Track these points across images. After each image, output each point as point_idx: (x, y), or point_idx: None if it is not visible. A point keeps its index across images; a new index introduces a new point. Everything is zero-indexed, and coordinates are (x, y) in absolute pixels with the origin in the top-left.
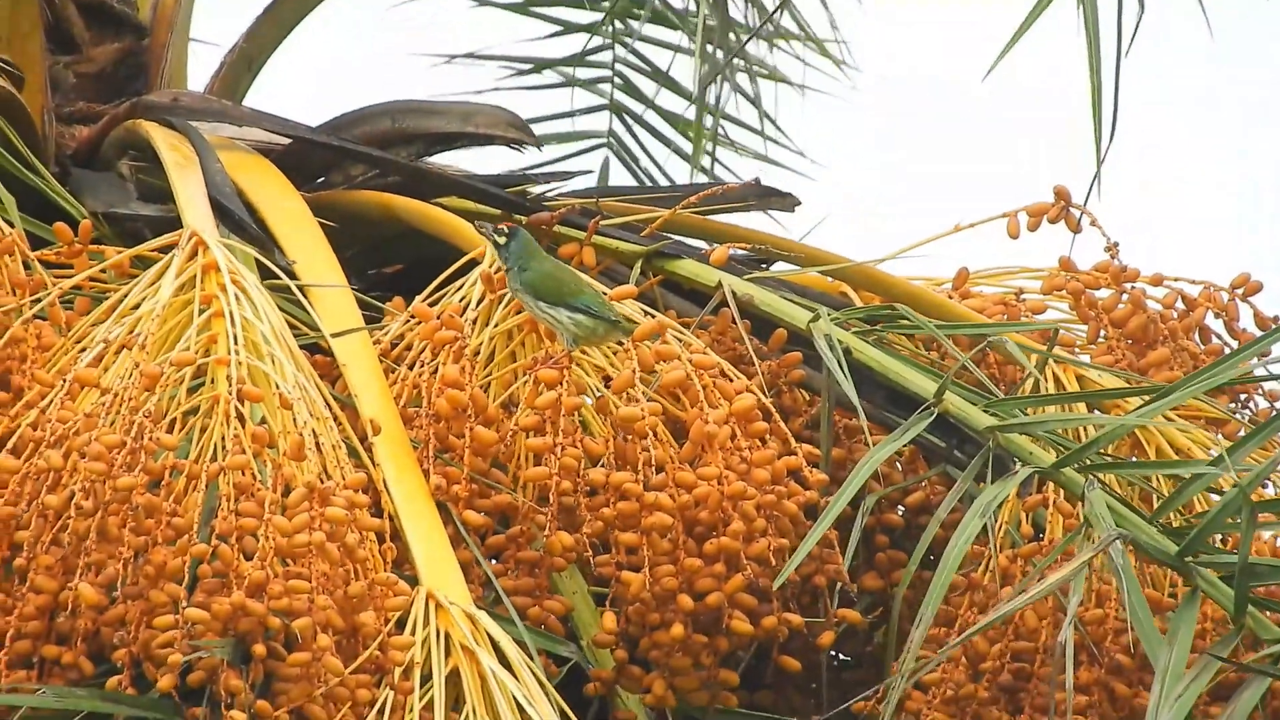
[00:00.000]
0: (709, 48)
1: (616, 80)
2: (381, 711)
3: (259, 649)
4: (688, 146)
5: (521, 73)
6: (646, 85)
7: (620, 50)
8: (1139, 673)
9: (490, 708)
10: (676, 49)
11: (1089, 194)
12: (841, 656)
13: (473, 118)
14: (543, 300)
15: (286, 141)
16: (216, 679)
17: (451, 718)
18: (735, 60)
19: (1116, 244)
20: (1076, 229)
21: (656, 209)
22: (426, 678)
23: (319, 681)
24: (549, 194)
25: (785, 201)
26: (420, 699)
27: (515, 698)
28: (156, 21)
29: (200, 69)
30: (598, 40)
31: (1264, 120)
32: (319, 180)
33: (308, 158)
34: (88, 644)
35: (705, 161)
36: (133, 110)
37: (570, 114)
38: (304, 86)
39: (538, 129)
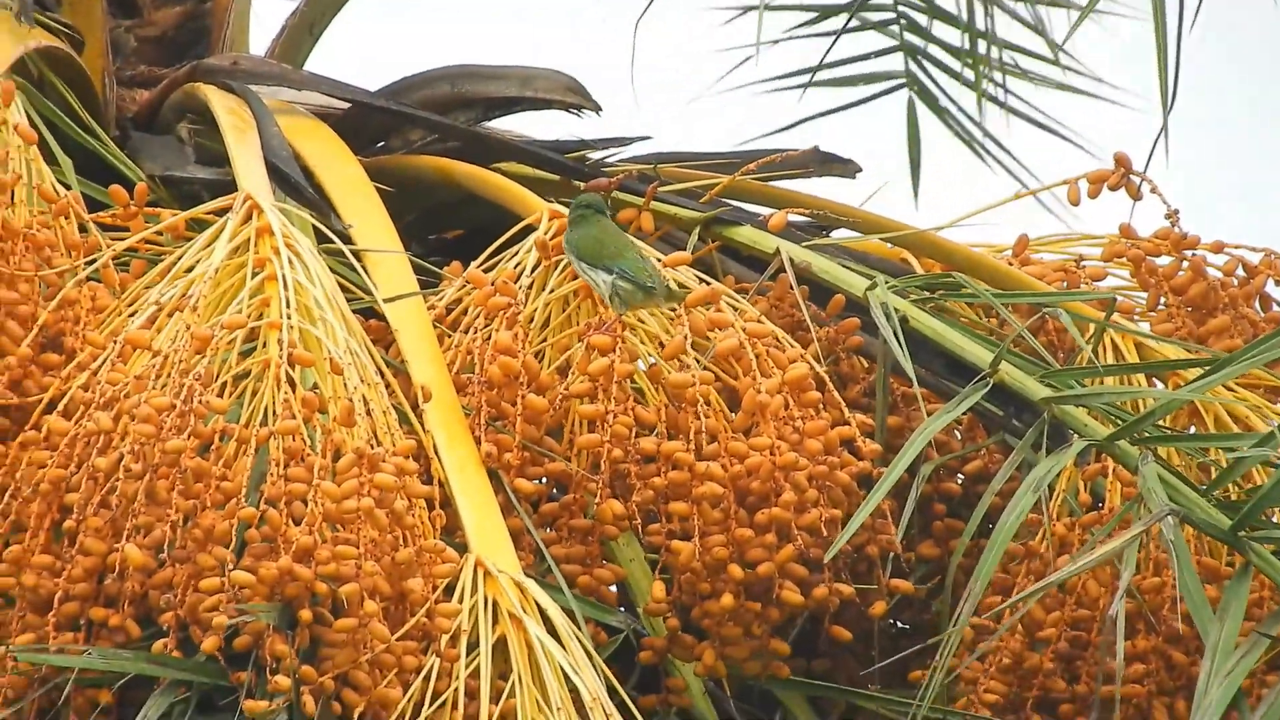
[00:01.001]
0: None
1: (903, 20)
2: (427, 679)
3: (305, 614)
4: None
5: (805, 23)
6: (937, 28)
7: None
8: (1196, 641)
9: (537, 676)
10: None
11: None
12: (899, 625)
13: (532, 82)
14: (584, 260)
15: (345, 106)
16: (262, 643)
17: (498, 686)
18: None
19: (1177, 211)
20: (1137, 196)
21: (715, 175)
22: (473, 645)
23: (365, 648)
24: (607, 159)
25: (846, 168)
26: (466, 667)
27: (562, 666)
28: None
29: (261, 33)
30: None
31: None
32: (377, 145)
33: (366, 122)
34: (135, 607)
35: (1000, 95)
36: (192, 74)
37: (864, 56)
38: (366, 50)
39: (834, 74)
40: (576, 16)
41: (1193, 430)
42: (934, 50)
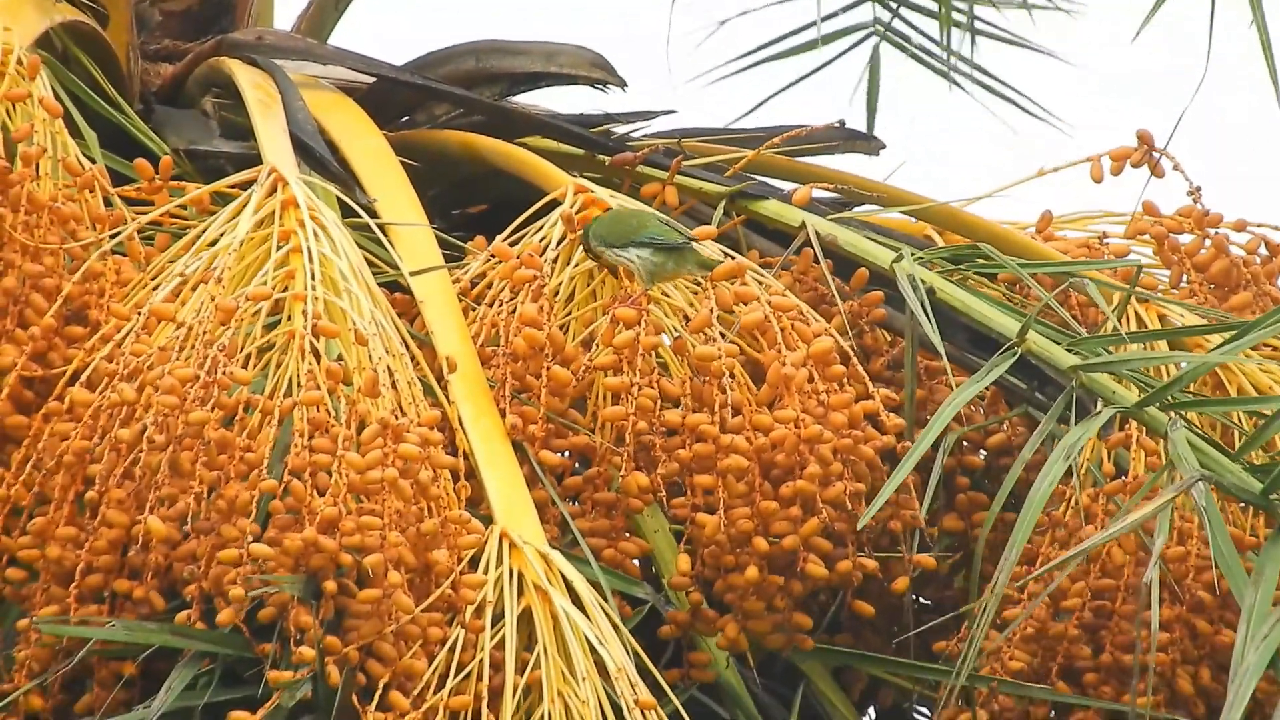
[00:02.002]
0: None
1: None
2: (452, 650)
3: (330, 585)
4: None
5: None
6: None
7: None
8: (1220, 610)
9: (562, 648)
10: None
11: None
12: (922, 600)
13: (556, 57)
14: (613, 246)
15: (370, 81)
16: (287, 615)
17: (523, 658)
18: None
19: (1199, 188)
20: (1159, 173)
21: (740, 149)
22: (498, 617)
23: (390, 619)
24: (632, 134)
25: (870, 145)
26: (491, 638)
27: (587, 638)
28: None
29: (286, 8)
30: None
31: None
32: (402, 119)
33: (391, 97)
34: (159, 579)
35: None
36: (217, 48)
37: (834, 15)
38: (391, 25)
39: (801, 37)
40: None
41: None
42: None
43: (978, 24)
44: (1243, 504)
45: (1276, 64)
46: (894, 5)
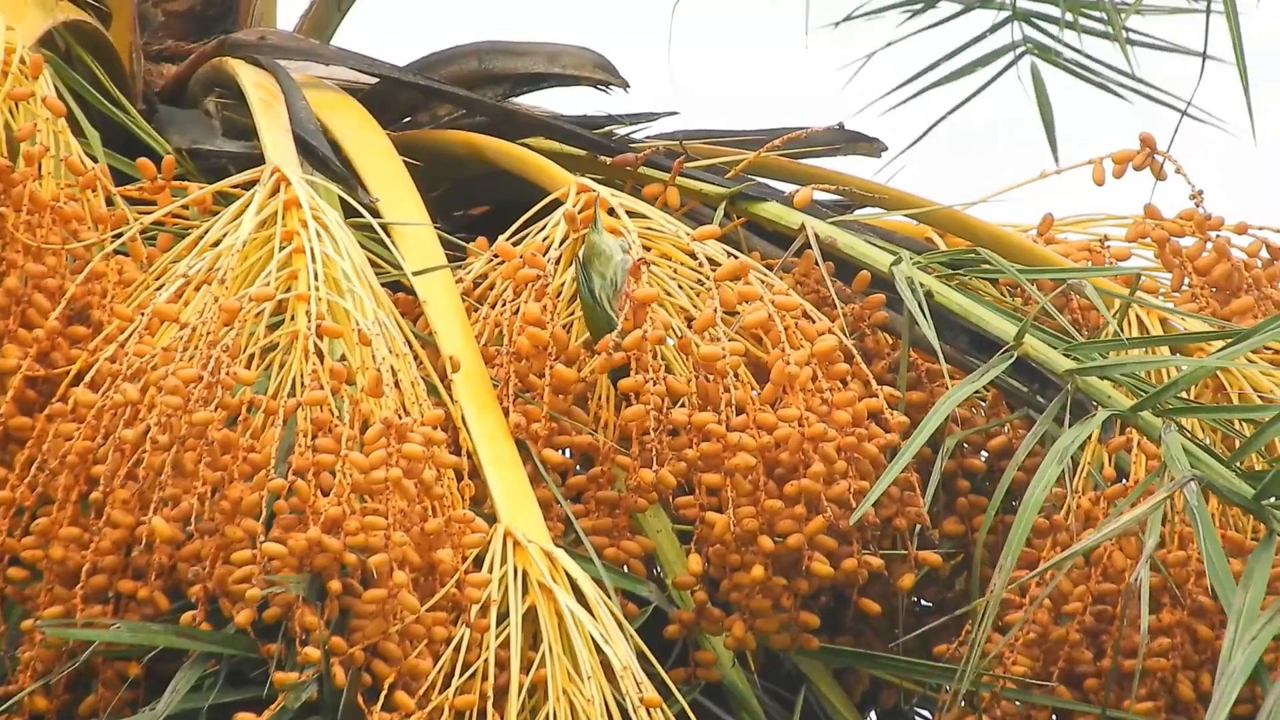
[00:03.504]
0: None
1: None
2: (457, 649)
3: (335, 585)
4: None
5: (916, 13)
6: None
7: None
8: (1221, 615)
9: (567, 646)
10: None
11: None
12: (923, 602)
13: (559, 58)
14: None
15: (373, 81)
16: (292, 615)
17: (528, 657)
18: None
19: (1201, 192)
20: (1161, 176)
21: (741, 151)
22: (503, 616)
23: (394, 618)
24: (635, 135)
25: (871, 147)
26: (496, 637)
27: (592, 636)
28: None
29: (289, 8)
30: None
31: None
32: (405, 120)
33: (394, 97)
34: (163, 579)
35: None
36: (220, 48)
37: (980, 37)
38: (394, 26)
39: (954, 64)
40: None
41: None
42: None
43: (1132, 34)
44: (1237, 507)
45: None
46: (1041, 22)
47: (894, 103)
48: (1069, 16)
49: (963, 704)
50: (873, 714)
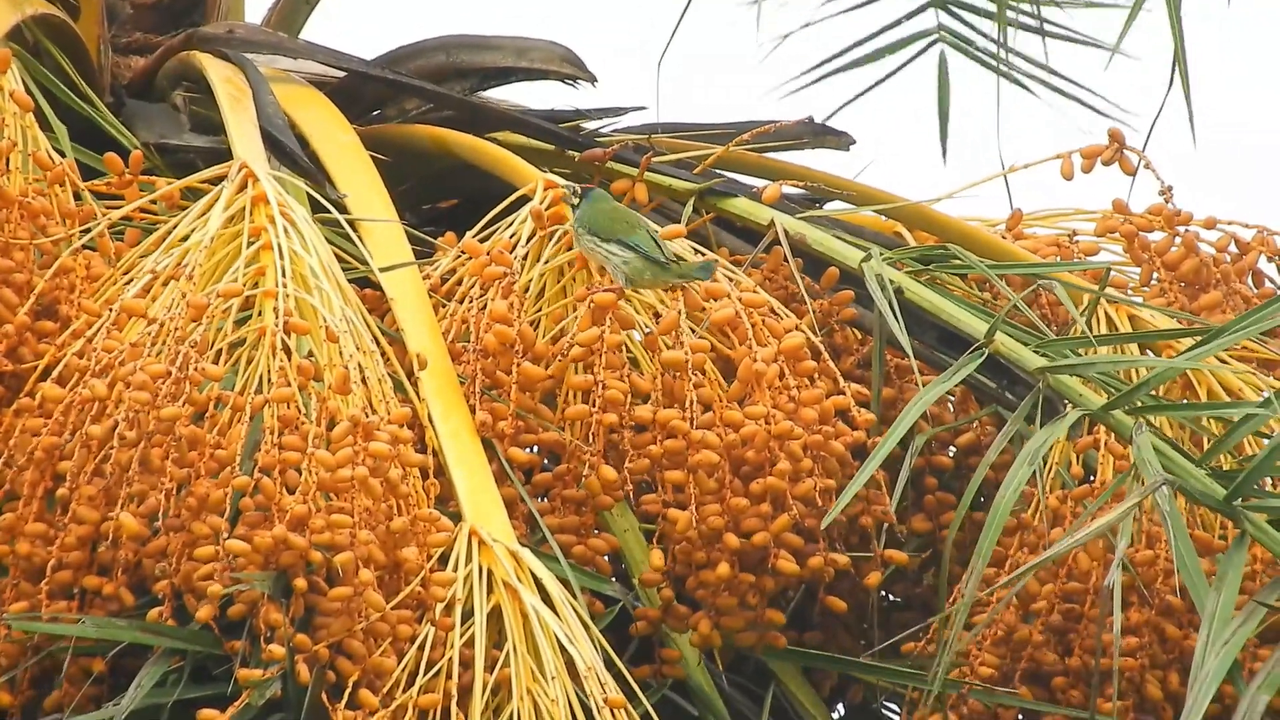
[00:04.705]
0: None
1: None
2: (422, 647)
3: (300, 583)
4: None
5: None
6: None
7: None
8: (1189, 614)
9: (531, 646)
10: None
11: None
12: (891, 598)
13: (527, 53)
14: (597, 234)
15: (341, 75)
16: (257, 612)
17: (492, 655)
18: None
19: (1170, 187)
20: (1131, 172)
21: (709, 146)
22: (468, 614)
23: (360, 616)
24: (603, 130)
25: (839, 140)
26: (461, 635)
27: (557, 635)
28: None
29: (258, 2)
30: None
31: None
32: (373, 114)
33: (362, 91)
34: (129, 575)
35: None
36: (188, 42)
37: (896, 23)
38: (362, 20)
39: (868, 49)
40: None
41: (1185, 402)
42: None
43: (1046, 25)
44: (1209, 508)
45: None
46: (956, 10)
47: (805, 83)
48: (992, 7)
49: (928, 703)
50: (840, 708)
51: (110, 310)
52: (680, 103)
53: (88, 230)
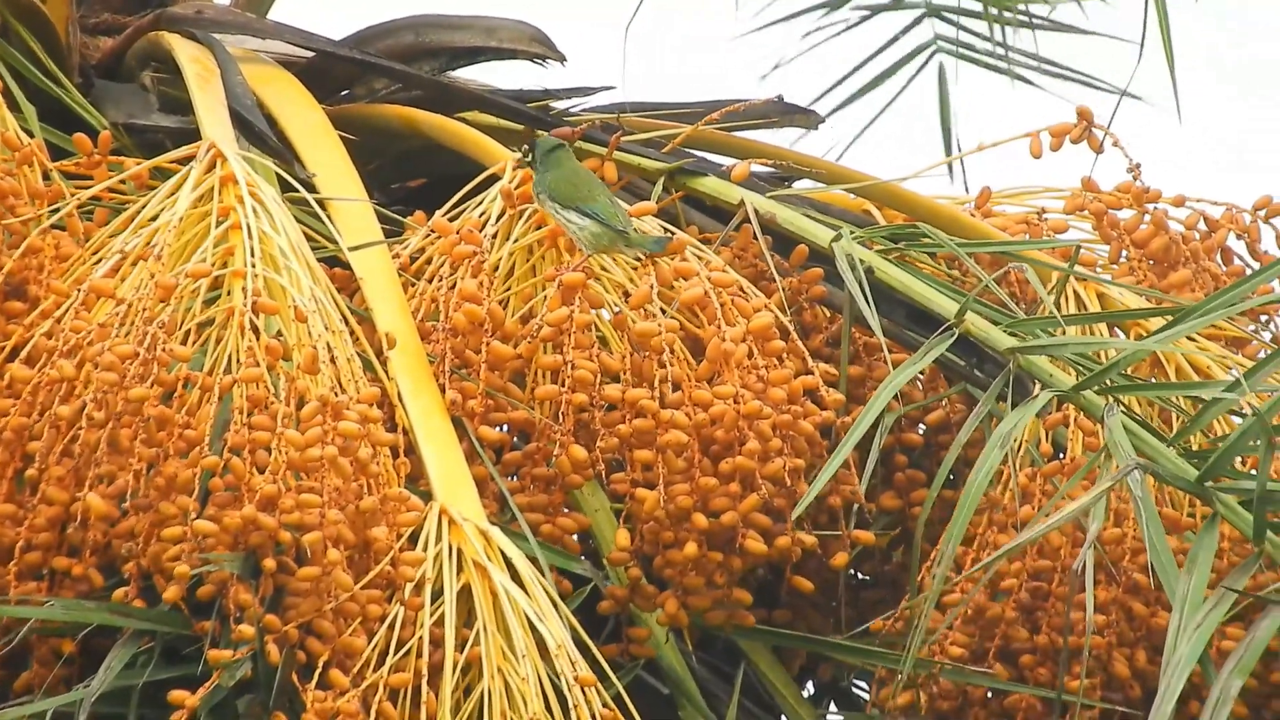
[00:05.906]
0: None
1: None
2: (392, 627)
3: (269, 563)
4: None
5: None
6: None
7: None
8: (1156, 592)
9: (501, 625)
10: None
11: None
12: (860, 576)
13: (496, 32)
14: (557, 202)
15: (309, 55)
16: (226, 592)
17: (463, 634)
18: None
19: (1139, 165)
20: (1099, 150)
21: (679, 125)
22: (438, 594)
23: (329, 596)
24: (572, 109)
25: (808, 119)
26: (431, 615)
27: (527, 614)
28: None
29: None
30: None
31: None
32: (342, 94)
33: (330, 71)
34: (98, 556)
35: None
36: (156, 22)
37: (895, 39)
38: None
39: (870, 68)
40: None
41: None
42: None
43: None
44: (1180, 489)
45: None
46: (953, 18)
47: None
48: (979, 7)
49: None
50: (810, 686)
51: (79, 290)
52: (654, 83)
53: (56, 210)
